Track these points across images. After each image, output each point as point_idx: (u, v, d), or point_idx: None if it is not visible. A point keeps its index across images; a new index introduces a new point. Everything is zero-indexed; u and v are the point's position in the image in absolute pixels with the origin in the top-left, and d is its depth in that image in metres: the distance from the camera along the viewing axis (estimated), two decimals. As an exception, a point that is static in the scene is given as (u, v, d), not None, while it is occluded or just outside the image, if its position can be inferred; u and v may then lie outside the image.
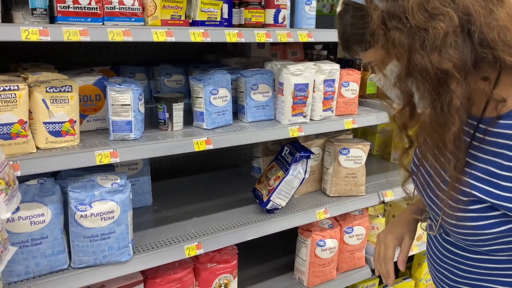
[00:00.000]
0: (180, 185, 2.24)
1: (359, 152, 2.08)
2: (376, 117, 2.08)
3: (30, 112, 1.32)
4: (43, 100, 1.32)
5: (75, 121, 1.39)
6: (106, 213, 1.40)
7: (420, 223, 1.27)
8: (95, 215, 1.39)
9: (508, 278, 0.99)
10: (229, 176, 2.41)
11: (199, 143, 1.59)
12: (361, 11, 0.92)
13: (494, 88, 0.91)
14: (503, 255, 0.98)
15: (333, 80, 1.90)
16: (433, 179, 1.08)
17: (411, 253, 2.46)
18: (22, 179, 1.33)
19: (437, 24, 0.83)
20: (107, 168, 1.59)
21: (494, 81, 0.91)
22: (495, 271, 1.00)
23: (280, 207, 1.90)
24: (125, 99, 1.45)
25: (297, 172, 1.87)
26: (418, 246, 2.47)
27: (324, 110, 1.89)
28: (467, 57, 0.85)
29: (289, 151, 1.93)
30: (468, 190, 0.94)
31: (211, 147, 1.61)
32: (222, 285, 1.83)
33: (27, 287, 1.34)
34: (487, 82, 0.90)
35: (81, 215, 1.38)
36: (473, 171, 0.95)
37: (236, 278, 1.91)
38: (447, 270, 1.10)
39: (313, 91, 1.84)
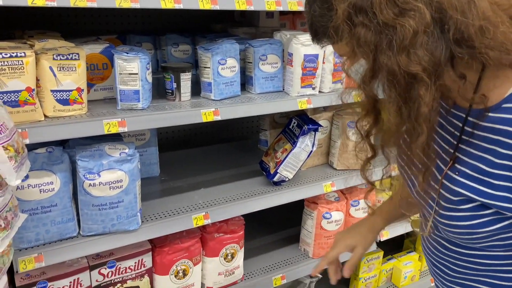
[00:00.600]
0: (187, 156, 2.25)
1: (367, 126, 2.06)
2: (386, 90, 2.04)
3: (37, 80, 1.31)
4: (50, 68, 1.30)
5: (82, 90, 1.38)
6: (114, 182, 1.41)
7: (410, 221, 1.23)
8: (104, 184, 1.40)
9: (506, 273, 0.95)
10: (235, 148, 2.40)
11: (207, 114, 1.58)
12: (327, 3, 0.83)
13: (477, 86, 0.84)
14: (500, 251, 0.93)
15: (343, 52, 1.86)
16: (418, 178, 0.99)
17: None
18: (31, 148, 1.33)
19: (406, 22, 0.75)
20: (115, 138, 1.59)
21: (476, 79, 0.84)
22: (493, 267, 0.96)
23: (287, 179, 1.90)
24: (132, 68, 1.43)
25: (305, 145, 1.86)
26: (424, 220, 2.48)
27: (333, 82, 1.86)
28: (441, 57, 0.77)
29: (297, 123, 1.91)
30: (458, 189, 0.89)
31: (219, 118, 1.60)
32: (229, 254, 1.86)
33: (37, 253, 1.37)
34: (464, 79, 0.83)
35: (90, 184, 1.38)
36: (463, 168, 0.89)
37: (243, 248, 1.93)
38: (444, 266, 1.06)
39: (323, 62, 1.80)
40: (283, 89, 1.84)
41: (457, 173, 0.90)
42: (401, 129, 0.83)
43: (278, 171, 1.86)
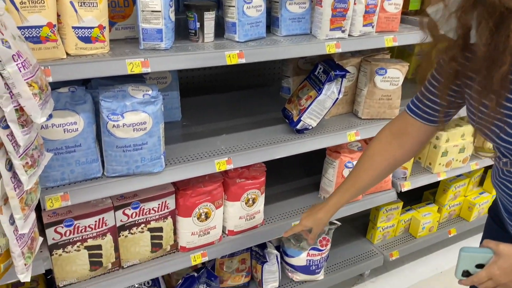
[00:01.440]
0: (208, 102, 2.21)
1: (396, 73, 1.97)
2: (419, 36, 1.93)
3: (58, 15, 1.26)
4: (71, 3, 1.25)
5: (104, 27, 1.33)
6: (138, 124, 1.39)
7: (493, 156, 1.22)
8: (127, 125, 1.38)
9: None
10: (257, 95, 2.35)
11: (231, 56, 1.52)
12: None
13: None
14: None
15: (376, -8, 1.74)
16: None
17: (438, 179, 2.44)
18: (53, 87, 1.30)
19: None
20: (137, 80, 1.55)
21: None
22: None
23: (310, 127, 1.86)
24: (155, 5, 1.36)
25: (331, 92, 1.80)
26: (446, 172, 2.44)
27: (364, 25, 1.76)
28: None
29: (323, 69, 1.84)
30: None
31: (243, 61, 1.54)
32: (250, 199, 1.86)
33: (63, 192, 1.38)
34: None
35: (113, 125, 1.37)
36: None
37: (264, 194, 1.93)
38: None
39: (354, 3, 1.70)
40: (311, 32, 1.76)
41: None
42: (487, 57, 0.88)
43: (301, 118, 1.82)
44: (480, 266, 1.03)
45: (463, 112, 1.34)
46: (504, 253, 1.00)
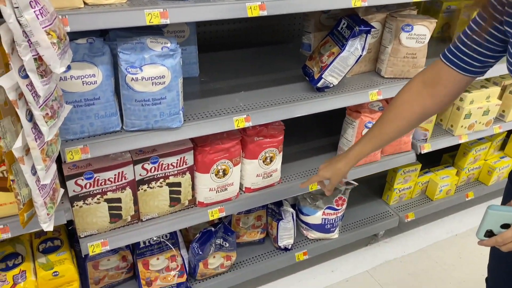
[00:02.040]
0: (226, 58, 2.16)
1: (423, 30, 1.88)
2: (449, -10, 1.83)
3: (74, -39, 1.21)
4: None
5: (121, -25, 1.28)
6: (157, 78, 1.36)
7: None
8: (146, 79, 1.35)
9: None
10: (276, 52, 2.29)
11: (252, 8, 1.45)
12: None
13: None
14: None
15: None
16: None
17: (459, 141, 2.39)
18: (71, 38, 1.27)
19: None
20: (155, 32, 1.51)
21: None
22: None
23: (331, 85, 1.81)
24: (174, -48, 1.30)
25: (354, 48, 1.73)
26: (468, 135, 2.38)
27: (392, -22, 1.67)
28: None
29: (347, 25, 1.76)
30: None
31: (265, 13, 1.47)
32: (268, 158, 1.85)
33: (83, 145, 1.38)
34: None
35: (132, 78, 1.34)
36: None
37: (281, 153, 1.92)
38: None
39: (384, -47, 1.60)
40: (336, -16, 1.67)
41: None
42: None
43: (322, 76, 1.77)
44: (505, 226, 1.01)
45: (489, 73, 1.29)
46: None
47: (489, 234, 1.03)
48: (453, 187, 2.66)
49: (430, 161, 2.75)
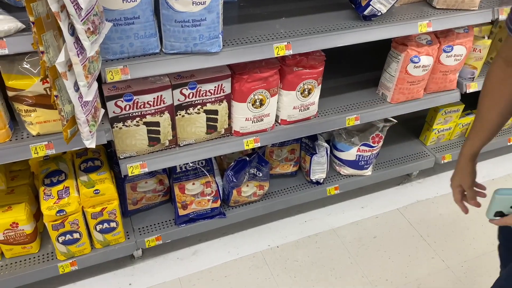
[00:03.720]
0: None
1: (486, -46, 1.71)
2: None
3: None
4: None
5: None
6: (197, -3, 1.30)
7: None
8: (186, -2, 1.30)
9: None
10: (320, -23, 2.15)
11: None
12: None
13: None
14: None
15: None
16: None
17: None
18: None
19: None
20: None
21: None
22: None
23: (379, 13, 1.70)
24: None
25: (407, -28, 1.60)
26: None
27: None
28: None
29: None
30: None
31: None
32: (306, 90, 1.80)
33: (122, 65, 1.37)
34: None
35: (172, -4, 1.29)
36: None
37: (320, 86, 1.86)
38: None
39: None
40: None
41: None
42: None
43: (370, 3, 1.65)
44: None
45: None
46: None
47: (500, 214, 1.00)
48: (495, 131, 2.55)
49: (474, 103, 2.62)
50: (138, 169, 1.66)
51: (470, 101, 2.46)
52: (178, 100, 1.60)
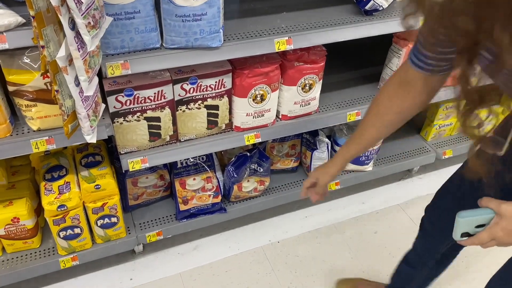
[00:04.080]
0: (267, -23, 2.04)
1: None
2: None
3: None
4: None
5: None
6: (198, -9, 1.30)
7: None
8: (187, -8, 1.29)
9: None
10: (321, -28, 2.14)
11: None
12: None
13: None
14: None
15: None
16: None
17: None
18: None
19: None
20: None
21: None
22: None
23: (381, 8, 1.69)
24: None
25: (409, -34, 1.59)
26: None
27: None
28: None
29: None
30: None
31: None
32: (307, 85, 1.80)
33: (123, 60, 1.37)
34: None
35: (173, -9, 1.28)
36: None
37: (321, 81, 1.86)
38: None
39: None
40: None
41: None
42: None
43: (372, -3, 1.65)
44: (480, 226, 0.96)
45: None
46: (507, 214, 0.91)
47: (466, 235, 1.00)
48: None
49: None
50: (139, 164, 1.66)
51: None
52: (179, 95, 1.60)
